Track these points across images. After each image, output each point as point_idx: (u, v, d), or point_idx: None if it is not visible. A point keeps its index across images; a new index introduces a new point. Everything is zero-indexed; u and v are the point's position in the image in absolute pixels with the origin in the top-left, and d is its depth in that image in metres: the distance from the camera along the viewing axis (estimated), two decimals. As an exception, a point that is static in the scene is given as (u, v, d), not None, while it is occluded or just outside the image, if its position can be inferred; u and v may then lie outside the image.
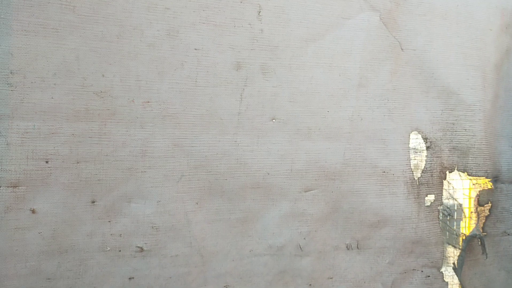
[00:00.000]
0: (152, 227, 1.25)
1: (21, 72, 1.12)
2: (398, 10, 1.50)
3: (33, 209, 1.14)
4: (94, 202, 1.20)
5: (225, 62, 1.30)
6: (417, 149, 1.53)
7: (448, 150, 1.58)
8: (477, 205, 1.63)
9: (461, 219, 1.61)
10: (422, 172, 1.54)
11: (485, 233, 1.63)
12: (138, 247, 1.24)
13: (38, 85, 1.14)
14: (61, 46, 1.15)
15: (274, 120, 1.36)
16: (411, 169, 1.52)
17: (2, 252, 1.12)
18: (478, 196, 1.63)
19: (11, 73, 1.11)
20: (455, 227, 1.60)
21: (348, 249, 1.46)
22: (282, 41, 1.36)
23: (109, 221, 1.21)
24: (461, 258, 1.59)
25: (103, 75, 1.19)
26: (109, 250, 1.21)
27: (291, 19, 1.37)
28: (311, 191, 1.40)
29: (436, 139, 1.55)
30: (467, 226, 1.62)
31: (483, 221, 1.64)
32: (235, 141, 1.32)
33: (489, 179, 1.64)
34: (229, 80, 1.31)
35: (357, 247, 1.47)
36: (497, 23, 1.64)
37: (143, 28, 1.22)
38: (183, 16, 1.26)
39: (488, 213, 1.64)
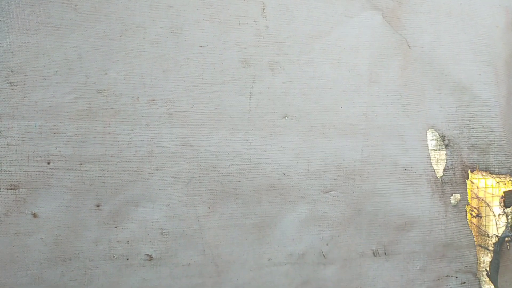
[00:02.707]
0: (162, 233, 1.15)
1: (22, 71, 1.08)
2: (401, 9, 1.49)
3: (35, 213, 1.06)
4: (99, 206, 1.11)
5: (232, 59, 1.26)
6: (436, 147, 1.45)
7: (467, 148, 1.50)
8: (503, 206, 1.52)
9: (489, 220, 1.50)
10: (444, 171, 1.45)
11: (515, 237, 1.52)
12: (147, 255, 1.14)
13: (39, 84, 1.09)
14: (63, 44, 1.12)
15: (286, 118, 1.30)
16: (433, 166, 1.43)
17: (1, 258, 1.02)
18: (504, 197, 1.53)
19: (12, 71, 1.07)
20: (484, 228, 1.49)
21: (375, 255, 1.35)
22: (288, 37, 1.33)
23: (116, 227, 1.12)
24: (495, 262, 1.47)
25: (106, 73, 1.15)
26: (116, 258, 1.11)
27: (296, 17, 1.34)
28: (331, 192, 1.31)
29: (453, 137, 1.48)
30: (497, 226, 1.50)
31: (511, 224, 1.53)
32: (247, 140, 1.25)
33: (514, 177, 1.54)
34: (237, 77, 1.26)
35: (385, 253, 1.35)
36: (503, 21, 1.62)
37: (146, 25, 1.19)
38: (186, 14, 1.23)
39: (516, 215, 1.53)
